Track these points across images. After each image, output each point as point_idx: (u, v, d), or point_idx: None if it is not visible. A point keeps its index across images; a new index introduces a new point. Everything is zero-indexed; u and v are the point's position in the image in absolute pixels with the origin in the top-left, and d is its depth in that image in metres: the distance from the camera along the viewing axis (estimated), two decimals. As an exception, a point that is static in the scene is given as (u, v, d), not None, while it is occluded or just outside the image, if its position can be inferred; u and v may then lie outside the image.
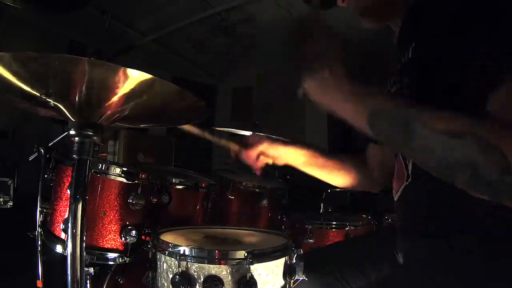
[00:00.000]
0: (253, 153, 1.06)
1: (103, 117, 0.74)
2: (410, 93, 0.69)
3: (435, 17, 0.64)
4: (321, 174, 1.04)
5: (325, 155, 1.02)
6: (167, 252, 0.87)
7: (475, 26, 0.55)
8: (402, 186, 0.76)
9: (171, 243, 0.89)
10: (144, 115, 0.83)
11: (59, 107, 0.70)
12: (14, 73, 0.59)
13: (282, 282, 0.90)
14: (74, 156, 0.74)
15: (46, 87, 0.64)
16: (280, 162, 1.08)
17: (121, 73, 0.60)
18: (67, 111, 0.72)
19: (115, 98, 0.68)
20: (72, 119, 0.73)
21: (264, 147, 1.05)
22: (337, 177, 1.03)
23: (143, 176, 1.20)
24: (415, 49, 0.69)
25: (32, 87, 0.64)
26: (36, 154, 1.23)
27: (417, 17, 0.73)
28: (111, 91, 0.65)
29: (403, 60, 0.73)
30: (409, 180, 0.73)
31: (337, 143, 4.01)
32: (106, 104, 0.70)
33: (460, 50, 0.57)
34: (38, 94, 0.65)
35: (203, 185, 1.48)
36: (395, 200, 0.81)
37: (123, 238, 1.14)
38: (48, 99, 0.65)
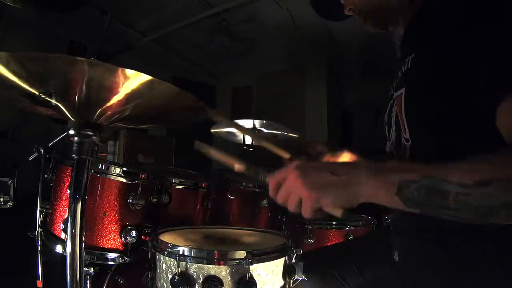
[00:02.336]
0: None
1: (102, 117, 0.74)
2: (411, 103, 0.70)
3: (434, 29, 0.66)
4: None
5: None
6: (166, 253, 0.87)
7: (473, 36, 0.56)
8: None
9: (170, 243, 0.89)
10: (144, 115, 0.83)
11: (59, 107, 0.70)
12: (13, 73, 0.59)
13: (282, 282, 0.90)
14: (73, 156, 0.74)
15: (46, 86, 0.64)
16: None
17: (120, 73, 0.60)
18: (67, 110, 0.72)
19: (114, 99, 0.68)
20: (72, 119, 0.73)
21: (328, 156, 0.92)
22: None
23: (143, 176, 1.20)
24: (414, 59, 0.71)
25: (31, 86, 0.64)
26: (36, 154, 1.23)
27: (418, 28, 0.75)
28: (111, 91, 0.65)
29: (403, 69, 0.75)
30: None
31: (337, 143, 4.01)
32: (106, 105, 0.70)
33: (457, 61, 0.58)
34: (37, 93, 0.65)
35: (203, 185, 1.48)
36: None
37: (123, 238, 1.14)
38: (47, 99, 0.65)
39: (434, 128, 0.66)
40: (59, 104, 0.68)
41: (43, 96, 0.65)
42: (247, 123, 2.03)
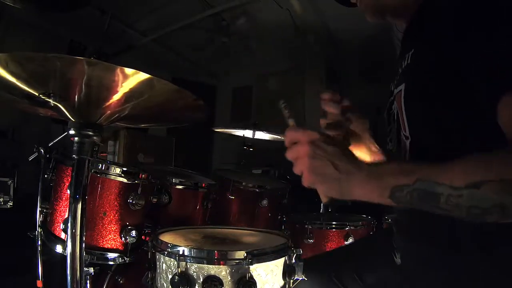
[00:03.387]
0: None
1: (102, 116, 0.74)
2: (410, 100, 0.70)
3: (434, 25, 0.65)
4: None
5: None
6: (166, 253, 0.87)
7: (473, 35, 0.56)
8: None
9: (170, 243, 0.89)
10: (144, 114, 0.83)
11: (59, 107, 0.70)
12: (12, 74, 0.59)
13: (282, 282, 0.90)
14: (73, 156, 0.74)
15: (45, 87, 0.64)
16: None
17: (119, 72, 0.60)
18: (67, 110, 0.72)
19: (114, 98, 0.68)
20: (72, 119, 0.74)
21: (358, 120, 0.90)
22: None
23: (143, 176, 1.20)
24: (414, 55, 0.70)
25: (30, 87, 0.64)
26: (36, 154, 1.23)
27: (418, 24, 0.74)
28: (110, 90, 0.65)
29: (403, 65, 0.75)
30: None
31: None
32: (106, 104, 0.70)
33: (457, 59, 0.58)
34: (37, 94, 0.65)
35: (203, 185, 1.48)
36: None
37: (123, 238, 1.14)
38: (47, 99, 0.65)
39: (434, 125, 0.66)
40: (58, 105, 0.68)
41: (43, 97, 0.65)
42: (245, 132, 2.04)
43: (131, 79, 0.62)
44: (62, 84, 0.64)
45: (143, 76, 0.61)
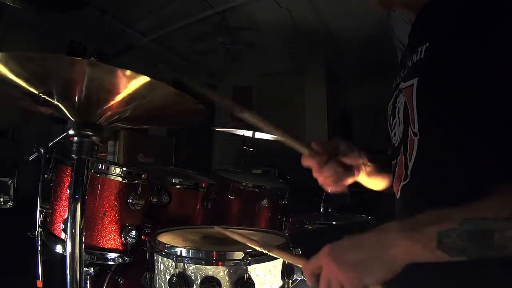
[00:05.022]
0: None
1: (102, 117, 0.75)
2: (424, 95, 0.67)
3: (452, 18, 0.63)
4: (367, 181, 0.94)
5: (372, 162, 0.92)
6: (164, 253, 0.87)
7: (494, 27, 0.54)
8: (401, 186, 0.76)
9: (168, 244, 0.89)
10: (144, 116, 0.83)
11: (59, 106, 0.70)
12: (13, 72, 0.59)
13: (280, 283, 0.89)
14: (73, 156, 0.75)
15: (45, 86, 0.64)
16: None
17: (120, 75, 0.60)
18: (67, 110, 0.72)
19: (115, 100, 0.68)
20: (72, 119, 0.74)
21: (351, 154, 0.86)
22: (376, 182, 0.99)
23: (143, 176, 1.20)
24: (429, 49, 0.67)
25: (31, 86, 0.64)
26: (36, 154, 1.24)
27: (431, 16, 0.71)
28: (111, 92, 0.65)
29: (414, 59, 0.71)
30: (408, 179, 0.73)
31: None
32: (106, 105, 0.70)
33: (478, 53, 0.55)
34: (37, 93, 0.65)
35: (203, 185, 1.48)
36: (396, 199, 0.81)
37: (123, 238, 1.14)
38: (47, 98, 0.66)
39: (447, 123, 0.63)
40: (59, 104, 0.69)
41: (43, 96, 0.65)
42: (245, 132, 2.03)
43: (131, 81, 0.62)
44: (62, 84, 0.64)
45: (143, 79, 0.60)
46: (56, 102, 0.68)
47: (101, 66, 0.58)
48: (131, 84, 0.62)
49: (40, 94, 0.65)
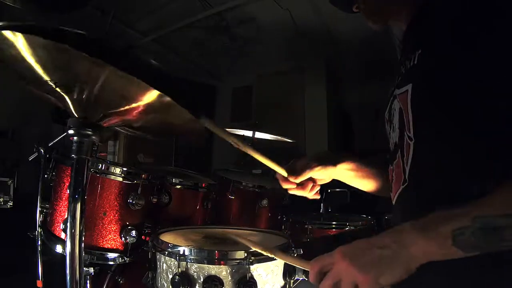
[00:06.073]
0: (304, 181, 0.97)
1: (105, 119, 0.74)
2: (418, 101, 0.68)
3: (444, 24, 0.64)
4: (358, 183, 0.99)
5: (362, 164, 0.96)
6: (166, 253, 0.87)
7: (487, 33, 0.55)
8: (399, 190, 0.76)
9: (171, 243, 0.89)
10: (146, 126, 0.83)
11: (65, 99, 0.69)
12: (37, 56, 0.57)
13: (282, 282, 0.90)
14: (73, 155, 0.74)
15: (59, 77, 0.63)
16: (327, 181, 1.01)
17: (137, 86, 0.59)
18: (73, 105, 0.71)
19: (125, 107, 0.68)
20: (75, 114, 0.73)
21: (316, 172, 0.94)
22: (367, 184, 1.00)
23: (143, 176, 1.20)
24: (422, 55, 0.68)
25: (45, 73, 0.62)
26: (36, 154, 1.23)
27: (424, 23, 0.73)
28: (124, 98, 0.65)
29: (408, 65, 0.73)
30: (406, 183, 0.73)
31: (336, 143, 4.01)
32: (114, 110, 0.70)
33: (470, 58, 0.56)
34: (49, 81, 0.64)
35: (203, 185, 1.48)
36: (393, 203, 0.81)
37: (123, 238, 1.14)
38: (56, 88, 0.65)
39: (442, 128, 0.64)
40: (66, 96, 0.68)
41: (50, 83, 0.64)
42: (245, 132, 2.03)
43: (147, 96, 0.61)
44: (76, 79, 0.63)
45: (161, 97, 0.60)
46: (63, 94, 0.68)
47: (120, 74, 0.57)
48: (146, 97, 0.62)
49: (51, 83, 0.64)
